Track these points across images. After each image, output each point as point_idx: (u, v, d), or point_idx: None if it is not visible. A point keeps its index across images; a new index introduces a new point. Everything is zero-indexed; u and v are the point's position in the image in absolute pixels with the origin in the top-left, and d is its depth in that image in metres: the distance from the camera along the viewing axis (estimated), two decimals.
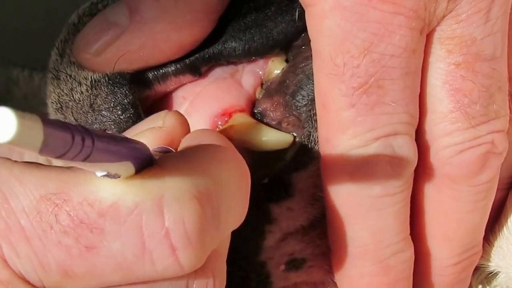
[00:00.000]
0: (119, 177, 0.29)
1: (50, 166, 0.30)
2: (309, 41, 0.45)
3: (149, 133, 0.35)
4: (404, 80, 0.37)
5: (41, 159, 0.37)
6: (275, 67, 0.47)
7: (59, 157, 0.24)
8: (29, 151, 0.23)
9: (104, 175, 0.28)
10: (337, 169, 0.39)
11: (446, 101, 0.38)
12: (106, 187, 0.29)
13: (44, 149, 0.23)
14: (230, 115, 0.46)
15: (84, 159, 0.25)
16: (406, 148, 0.38)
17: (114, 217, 0.29)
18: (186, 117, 0.46)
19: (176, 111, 0.36)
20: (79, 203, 0.29)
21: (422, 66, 0.38)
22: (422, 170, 0.40)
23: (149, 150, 0.31)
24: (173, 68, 0.45)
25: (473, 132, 0.38)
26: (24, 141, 0.22)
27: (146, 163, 0.30)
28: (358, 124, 0.37)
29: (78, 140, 0.25)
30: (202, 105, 0.47)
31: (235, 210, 0.33)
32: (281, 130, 0.45)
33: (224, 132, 0.45)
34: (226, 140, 0.34)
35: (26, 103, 0.61)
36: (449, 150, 0.39)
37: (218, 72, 0.47)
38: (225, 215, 0.31)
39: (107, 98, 0.44)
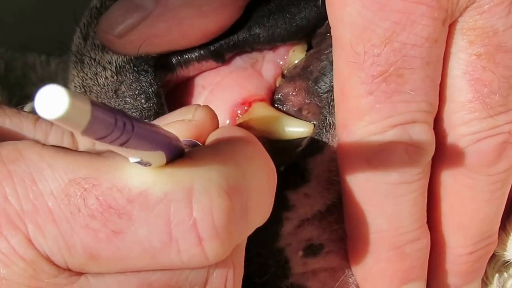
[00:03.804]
0: (150, 165, 0.29)
1: (79, 152, 0.31)
2: None
3: (179, 125, 0.35)
4: (424, 69, 0.38)
5: (66, 143, 0.37)
6: (296, 57, 0.47)
7: (99, 139, 0.25)
8: (72, 130, 0.24)
9: (136, 162, 0.29)
10: (354, 155, 0.39)
11: (465, 91, 0.39)
12: (136, 174, 0.29)
13: (87, 130, 0.24)
14: (249, 104, 0.46)
15: (122, 144, 0.26)
16: (423, 136, 0.38)
17: (143, 205, 0.29)
18: None
19: (207, 106, 0.37)
20: (108, 189, 0.29)
21: (444, 56, 0.39)
22: (439, 159, 0.40)
23: (181, 142, 0.31)
24: (197, 54, 0.46)
25: (491, 121, 0.39)
26: (71, 120, 0.23)
27: (177, 155, 0.31)
28: (375, 111, 0.38)
29: (120, 125, 0.25)
30: (222, 94, 0.47)
31: (262, 205, 0.33)
32: (301, 119, 0.45)
33: (244, 121, 0.46)
34: (253, 136, 0.35)
35: None
36: (466, 139, 0.39)
37: (239, 61, 0.48)
38: (252, 209, 0.32)
39: (132, 86, 0.44)
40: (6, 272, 0.29)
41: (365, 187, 0.39)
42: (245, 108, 0.46)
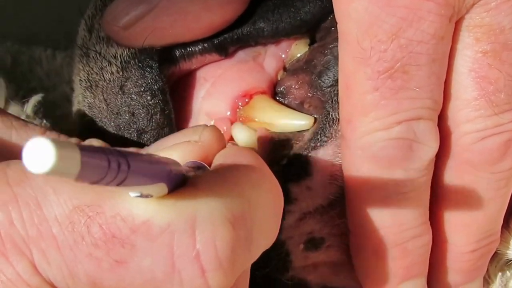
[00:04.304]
0: (151, 196, 0.29)
1: None
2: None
3: (185, 146, 0.34)
4: (430, 66, 0.37)
5: None
6: (298, 50, 0.47)
7: (94, 183, 0.24)
8: (63, 179, 0.23)
9: (137, 196, 0.28)
10: (358, 151, 0.39)
11: (471, 88, 0.38)
12: (139, 203, 0.29)
13: (79, 178, 0.23)
14: (251, 96, 0.46)
15: (119, 184, 0.25)
16: (428, 133, 0.38)
17: (146, 234, 0.29)
18: (207, 98, 0.47)
19: (214, 126, 0.36)
20: (112, 217, 0.29)
21: (449, 53, 0.38)
22: (443, 156, 0.40)
23: (181, 167, 0.31)
24: (200, 47, 0.45)
25: (496, 119, 0.38)
26: (61, 171, 0.22)
27: (178, 182, 0.30)
28: (381, 107, 0.37)
29: (114, 166, 0.24)
30: (223, 86, 0.47)
31: (268, 232, 0.33)
32: (302, 112, 0.45)
33: (245, 114, 0.46)
34: (260, 160, 0.34)
35: (49, 81, 0.61)
36: (471, 137, 0.39)
37: (241, 54, 0.47)
38: (257, 237, 0.31)
39: (137, 83, 0.44)
40: None
41: (369, 183, 0.39)
42: (246, 100, 0.46)
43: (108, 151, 0.24)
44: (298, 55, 0.47)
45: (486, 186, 0.40)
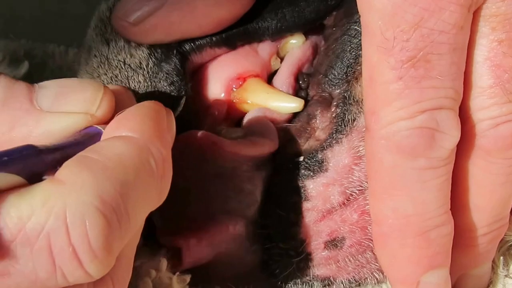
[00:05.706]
0: None
1: None
2: (340, 21, 0.45)
3: (80, 119, 0.34)
4: (451, 55, 0.36)
5: None
6: (293, 37, 0.47)
7: None
8: None
9: None
10: (382, 140, 0.38)
11: (486, 77, 0.38)
12: (12, 211, 0.29)
13: None
14: (244, 79, 0.46)
15: None
16: (450, 122, 0.37)
17: (24, 241, 0.29)
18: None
19: (111, 94, 0.35)
20: None
21: (468, 42, 0.37)
22: (459, 142, 0.39)
23: (37, 155, 0.31)
24: (209, 41, 0.45)
25: (510, 106, 0.38)
26: None
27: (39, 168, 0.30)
28: (405, 96, 0.36)
29: None
30: (218, 69, 0.46)
31: (148, 199, 0.33)
32: (299, 97, 0.45)
33: (238, 95, 0.46)
34: (149, 122, 0.33)
35: (61, 74, 0.60)
36: (485, 123, 0.38)
37: None
38: (134, 210, 0.31)
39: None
40: None
41: (393, 173, 0.38)
42: (240, 83, 0.46)
43: None
44: (292, 41, 0.47)
45: (499, 171, 0.39)
